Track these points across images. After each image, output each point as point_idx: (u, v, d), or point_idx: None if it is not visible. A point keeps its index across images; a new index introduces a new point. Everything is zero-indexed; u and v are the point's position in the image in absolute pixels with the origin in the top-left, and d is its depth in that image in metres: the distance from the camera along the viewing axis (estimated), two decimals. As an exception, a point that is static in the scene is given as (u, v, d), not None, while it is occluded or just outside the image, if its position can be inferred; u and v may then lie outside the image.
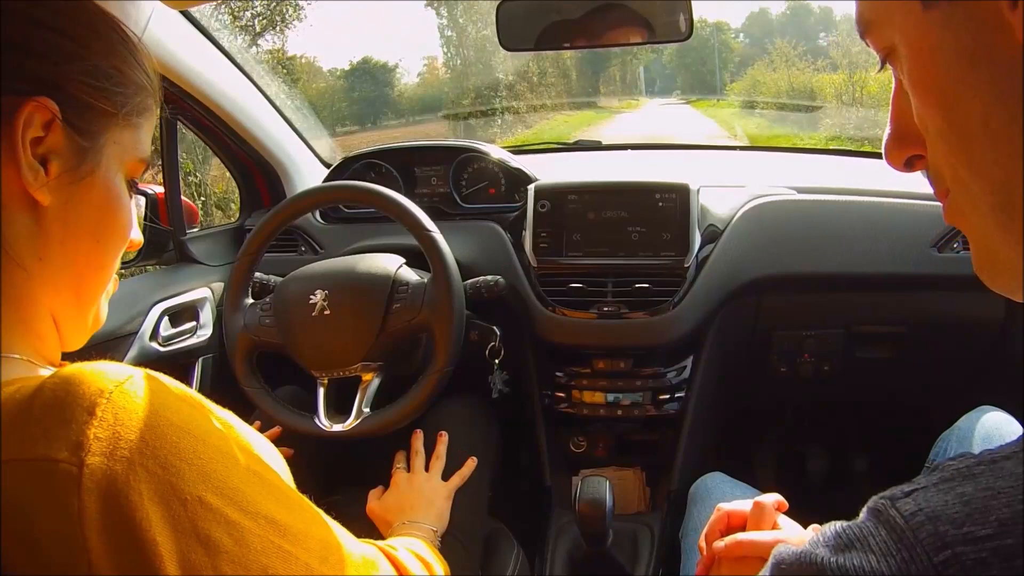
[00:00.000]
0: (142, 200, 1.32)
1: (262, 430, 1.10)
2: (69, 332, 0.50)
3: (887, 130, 0.40)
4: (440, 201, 1.41)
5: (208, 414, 0.43)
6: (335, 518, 0.50)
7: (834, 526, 0.31)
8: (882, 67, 0.39)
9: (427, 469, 1.00)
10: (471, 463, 1.02)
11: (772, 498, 0.72)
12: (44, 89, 0.44)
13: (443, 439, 1.03)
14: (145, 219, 1.32)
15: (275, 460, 0.52)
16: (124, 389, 0.38)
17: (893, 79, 0.38)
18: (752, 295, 1.21)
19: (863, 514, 0.30)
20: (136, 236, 0.53)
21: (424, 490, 0.95)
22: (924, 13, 0.33)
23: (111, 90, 0.48)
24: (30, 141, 0.43)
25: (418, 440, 1.03)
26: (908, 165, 0.39)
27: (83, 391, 0.37)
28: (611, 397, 1.17)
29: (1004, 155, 0.32)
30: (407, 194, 1.12)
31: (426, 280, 1.03)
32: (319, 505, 0.48)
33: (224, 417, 0.45)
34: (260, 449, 0.47)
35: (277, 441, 1.09)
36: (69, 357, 0.51)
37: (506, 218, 1.30)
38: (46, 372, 0.45)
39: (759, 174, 1.45)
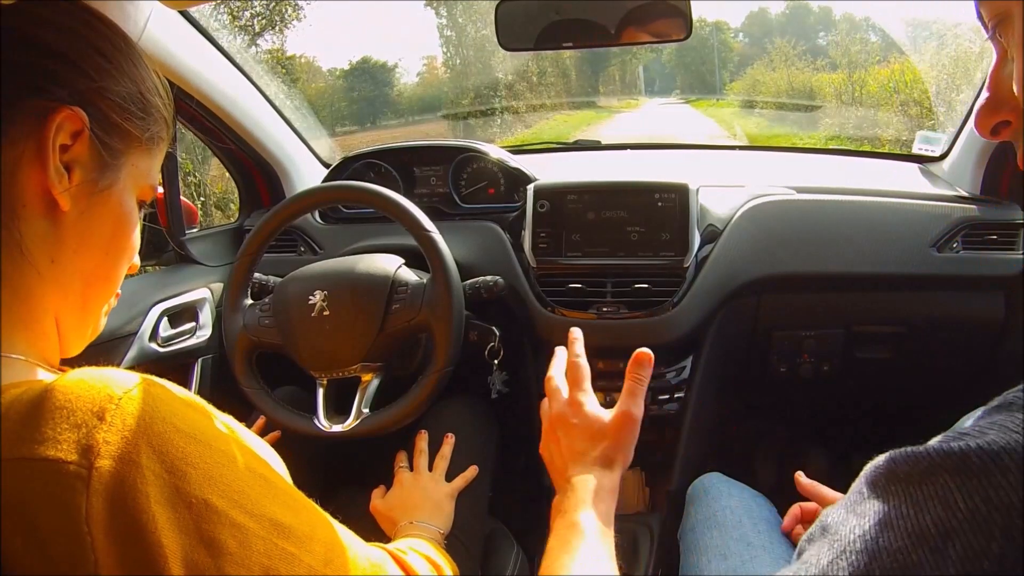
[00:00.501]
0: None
1: (263, 432, 1.10)
2: (69, 338, 0.52)
3: (982, 97, 0.43)
4: (439, 201, 1.41)
5: (213, 419, 0.44)
6: (335, 518, 0.50)
7: (950, 433, 0.31)
8: (990, 36, 0.41)
9: (430, 469, 1.00)
10: (474, 469, 1.02)
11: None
12: (79, 100, 0.46)
13: (449, 440, 1.03)
14: (144, 219, 1.32)
15: (277, 464, 0.53)
16: (132, 396, 0.39)
17: (995, 52, 0.42)
18: (752, 295, 1.21)
19: (983, 418, 0.30)
20: (135, 260, 0.55)
21: (429, 490, 0.95)
22: None
23: (137, 115, 0.50)
24: (58, 147, 0.45)
25: (422, 440, 1.03)
26: (995, 132, 0.43)
27: (92, 396, 0.39)
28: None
29: None
30: (406, 194, 1.12)
31: (425, 280, 1.03)
32: (320, 507, 0.49)
33: (227, 422, 0.46)
34: (263, 453, 0.48)
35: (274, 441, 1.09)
36: (72, 362, 0.52)
37: (505, 218, 1.30)
38: (45, 373, 0.46)
39: (758, 174, 1.45)
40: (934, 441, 0.31)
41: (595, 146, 1.82)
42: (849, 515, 0.32)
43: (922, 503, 0.28)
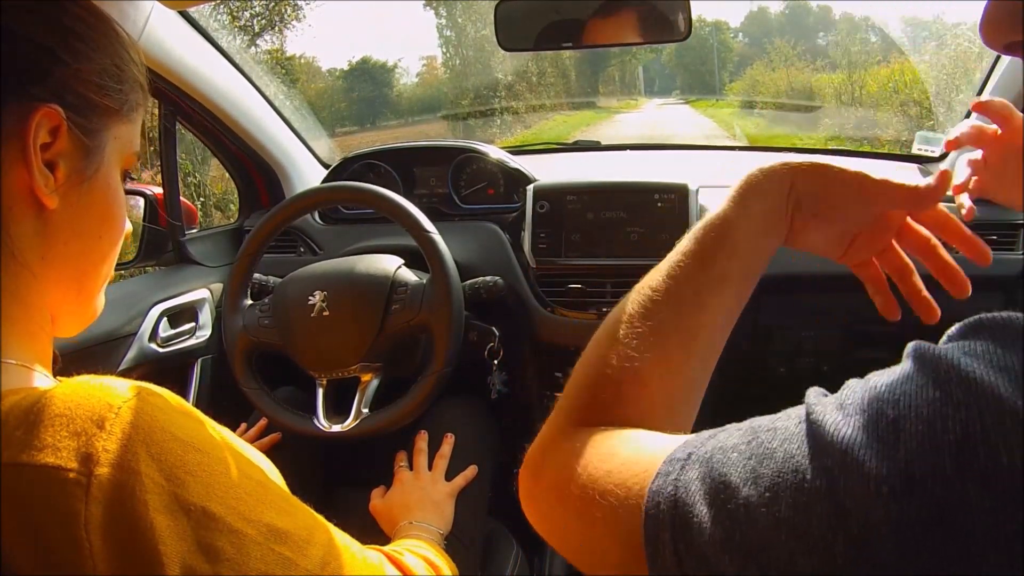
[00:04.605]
0: (140, 201, 1.33)
1: (264, 433, 1.10)
2: (66, 323, 0.51)
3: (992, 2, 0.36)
4: (439, 202, 1.41)
5: (208, 427, 0.44)
6: (334, 519, 0.50)
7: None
8: None
9: (430, 469, 1.00)
10: (473, 469, 1.02)
11: None
12: (56, 90, 0.45)
13: (449, 440, 1.03)
14: (144, 220, 1.32)
15: (271, 471, 0.53)
16: (131, 405, 0.39)
17: None
18: (751, 295, 1.21)
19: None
20: (127, 226, 0.54)
21: (429, 490, 0.95)
22: None
23: (114, 88, 0.49)
24: (39, 147, 0.44)
25: (422, 440, 1.03)
26: (1009, 48, 0.36)
27: (92, 405, 0.39)
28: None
29: None
30: (406, 195, 1.12)
31: (425, 281, 1.03)
32: (318, 509, 0.49)
33: (221, 430, 0.46)
34: (257, 460, 0.48)
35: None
36: (72, 362, 0.51)
37: (505, 218, 1.30)
38: (41, 376, 0.46)
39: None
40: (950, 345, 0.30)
41: (595, 146, 1.82)
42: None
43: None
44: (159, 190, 1.34)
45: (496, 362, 1.11)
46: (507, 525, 1.12)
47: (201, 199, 5.31)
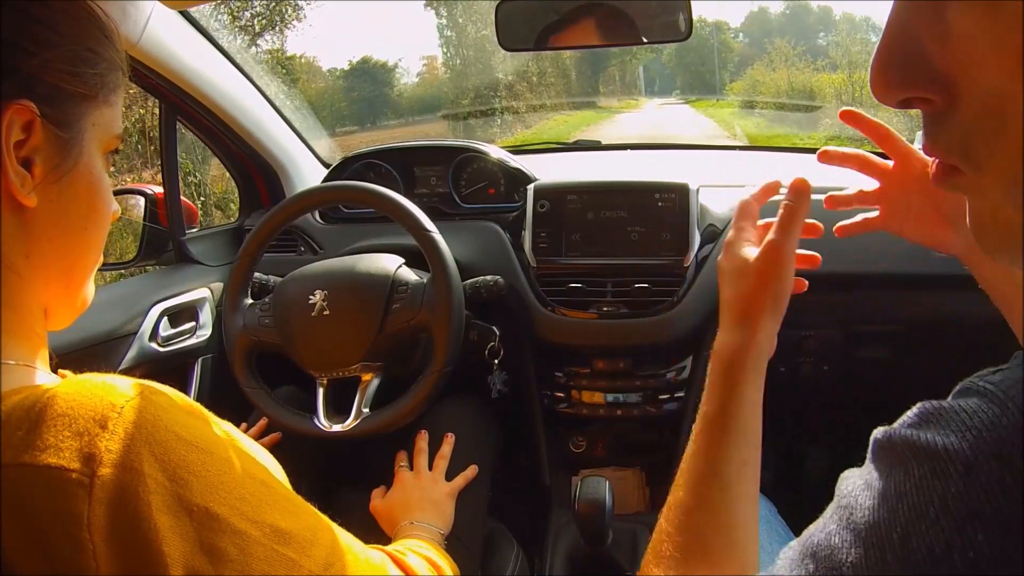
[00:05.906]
0: (140, 201, 1.33)
1: (264, 433, 1.10)
2: (58, 316, 0.51)
3: (879, 48, 0.30)
4: (439, 201, 1.41)
5: (213, 426, 0.44)
6: (335, 519, 0.50)
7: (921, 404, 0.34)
8: None
9: (430, 468, 1.00)
10: (474, 469, 1.02)
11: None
12: (25, 83, 0.43)
13: (449, 440, 1.03)
14: (144, 219, 1.32)
15: (276, 469, 0.53)
16: (134, 404, 0.39)
17: None
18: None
19: (950, 398, 0.33)
20: (115, 208, 0.52)
21: (429, 490, 0.95)
22: None
23: (87, 73, 0.47)
24: (12, 146, 0.43)
25: (423, 439, 1.03)
26: (905, 104, 0.30)
27: (94, 404, 0.38)
28: (611, 397, 1.17)
29: None
30: (406, 194, 1.12)
31: (425, 280, 1.03)
32: (319, 509, 0.49)
33: (226, 428, 0.46)
34: (262, 458, 0.48)
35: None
36: (72, 362, 0.51)
37: (505, 218, 1.30)
38: (42, 375, 0.46)
39: (758, 174, 1.45)
40: (903, 424, 0.35)
41: (595, 146, 1.82)
42: (853, 475, 0.37)
43: (889, 469, 0.33)
44: (159, 190, 1.34)
45: (496, 361, 1.11)
46: (508, 525, 1.12)
47: (201, 199, 5.31)
